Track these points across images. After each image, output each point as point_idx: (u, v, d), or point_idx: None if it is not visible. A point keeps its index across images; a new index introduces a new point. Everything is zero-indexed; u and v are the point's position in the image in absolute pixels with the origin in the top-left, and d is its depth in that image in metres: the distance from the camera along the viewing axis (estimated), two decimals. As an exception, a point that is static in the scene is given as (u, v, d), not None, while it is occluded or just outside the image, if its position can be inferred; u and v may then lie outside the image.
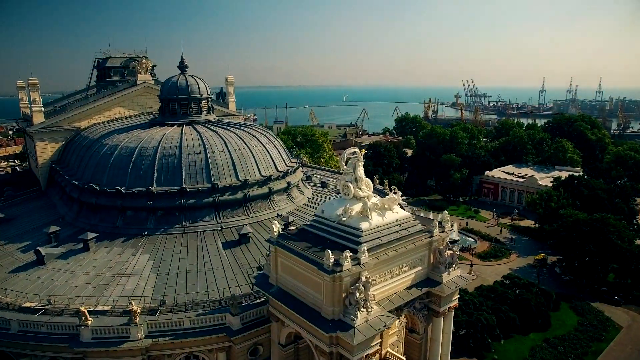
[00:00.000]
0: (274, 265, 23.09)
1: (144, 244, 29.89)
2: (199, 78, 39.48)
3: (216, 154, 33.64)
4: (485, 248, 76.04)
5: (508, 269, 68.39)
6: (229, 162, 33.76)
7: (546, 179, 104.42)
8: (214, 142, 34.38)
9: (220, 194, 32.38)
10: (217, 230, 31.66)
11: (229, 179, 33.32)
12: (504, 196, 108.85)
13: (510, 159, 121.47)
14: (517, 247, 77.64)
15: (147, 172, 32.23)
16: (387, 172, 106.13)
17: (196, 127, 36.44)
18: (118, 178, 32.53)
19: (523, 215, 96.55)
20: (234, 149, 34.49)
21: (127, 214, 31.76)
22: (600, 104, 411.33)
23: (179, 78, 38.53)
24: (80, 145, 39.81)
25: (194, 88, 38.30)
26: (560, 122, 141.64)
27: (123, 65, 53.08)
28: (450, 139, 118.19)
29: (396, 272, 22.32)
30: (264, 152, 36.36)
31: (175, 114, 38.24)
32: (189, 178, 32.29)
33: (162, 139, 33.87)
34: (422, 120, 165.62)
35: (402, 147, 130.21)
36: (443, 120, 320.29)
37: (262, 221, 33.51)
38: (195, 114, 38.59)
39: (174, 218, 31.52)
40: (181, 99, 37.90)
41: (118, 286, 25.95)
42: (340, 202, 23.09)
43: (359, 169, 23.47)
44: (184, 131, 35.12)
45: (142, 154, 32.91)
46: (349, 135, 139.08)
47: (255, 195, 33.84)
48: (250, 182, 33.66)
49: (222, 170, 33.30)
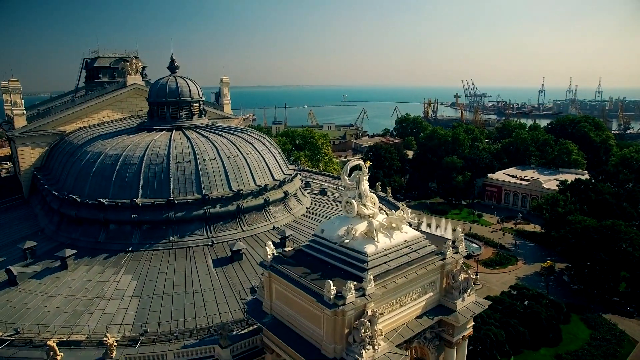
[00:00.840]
0: (268, 291, 20.59)
1: (128, 262, 27.37)
2: (190, 80, 36.98)
3: (207, 162, 31.14)
4: (490, 255, 73.62)
5: (514, 277, 66.00)
6: (221, 171, 31.27)
7: (550, 181, 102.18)
8: (205, 149, 31.88)
9: (211, 205, 29.88)
10: (207, 245, 29.16)
11: (220, 190, 30.83)
12: (508, 199, 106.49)
13: (513, 161, 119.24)
14: (522, 254, 75.27)
15: (132, 182, 29.73)
16: (388, 174, 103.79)
17: (186, 132, 33.94)
18: (101, 188, 30.02)
19: (527, 219, 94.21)
20: (226, 157, 31.99)
21: (110, 227, 29.26)
22: (599, 104, 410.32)
23: (169, 80, 36.03)
24: (64, 152, 37.30)
25: (185, 90, 35.80)
26: (563, 123, 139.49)
27: (112, 66, 50.57)
28: (452, 140, 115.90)
29: (405, 300, 19.85)
30: (259, 160, 33.87)
31: (164, 119, 35.74)
32: (177, 189, 29.80)
33: (148, 145, 31.37)
34: (423, 121, 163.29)
35: (402, 149, 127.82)
36: (443, 120, 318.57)
37: (257, 234, 31.03)
38: (186, 118, 36.08)
39: (161, 232, 29.02)
40: (170, 102, 35.40)
41: (96, 311, 23.43)
42: (342, 220, 20.59)
43: (364, 184, 20.97)
44: (172, 137, 32.62)
45: (127, 163, 30.40)
46: (348, 137, 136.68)
47: (250, 207, 31.36)
48: (244, 192, 31.16)
49: (214, 179, 30.81)
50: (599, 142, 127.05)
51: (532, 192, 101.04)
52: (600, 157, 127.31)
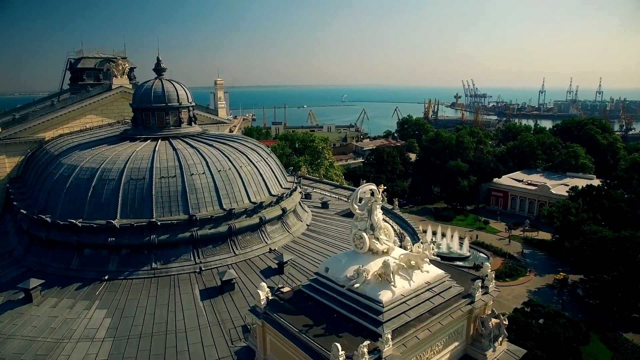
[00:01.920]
0: (261, 342, 17.13)
1: (103, 293, 23.89)
2: (179, 83, 33.49)
3: (195, 176, 27.66)
4: (499, 265, 70.22)
5: (525, 289, 62.67)
6: (211, 186, 27.80)
7: (559, 186, 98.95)
8: (192, 161, 28.40)
9: (199, 227, 26.41)
10: (195, 272, 25.69)
11: (210, 208, 27.36)
12: (514, 205, 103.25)
13: (518, 164, 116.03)
14: (532, 264, 71.93)
15: (110, 200, 26.26)
16: (391, 179, 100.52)
17: (173, 142, 30.46)
18: (75, 207, 26.54)
19: (535, 226, 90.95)
20: (217, 170, 28.51)
21: (84, 252, 25.79)
22: (600, 105, 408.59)
23: (154, 83, 32.52)
24: (39, 163, 33.84)
25: (172, 95, 32.30)
26: (569, 126, 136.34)
27: (97, 67, 47.08)
28: (457, 143, 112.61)
29: (427, 355, 16.39)
30: (254, 173, 30.39)
31: (149, 127, 32.23)
32: (161, 208, 26.32)
33: (129, 158, 27.88)
34: (425, 123, 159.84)
35: (405, 152, 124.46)
36: (443, 120, 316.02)
37: (252, 258, 27.57)
38: (174, 126, 32.58)
39: (142, 258, 25.54)
40: (156, 108, 31.90)
41: (60, 358, 19.94)
42: (351, 257, 17.14)
43: (377, 213, 17.48)
44: (157, 148, 29.13)
45: (104, 178, 26.92)
46: (349, 139, 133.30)
47: (243, 228, 27.88)
48: (237, 211, 27.69)
49: (203, 197, 27.34)
50: (606, 145, 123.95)
51: (539, 197, 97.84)
52: (608, 160, 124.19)
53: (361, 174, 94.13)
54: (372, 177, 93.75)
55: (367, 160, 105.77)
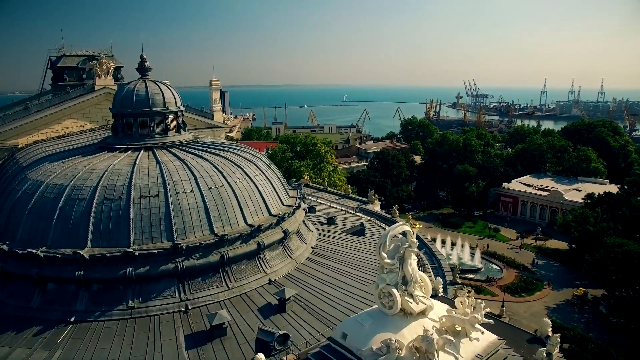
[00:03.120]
0: None
1: (66, 340, 19.70)
2: (166, 84, 29.26)
3: (182, 195, 23.44)
4: (513, 278, 66.14)
5: (543, 306, 58.55)
6: (200, 207, 23.59)
7: (571, 192, 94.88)
8: (179, 177, 24.17)
9: (185, 257, 22.19)
10: (179, 311, 21.50)
11: (199, 233, 23.15)
12: (524, 211, 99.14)
13: (527, 168, 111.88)
14: (547, 276, 67.77)
15: (80, 224, 22.05)
16: (396, 183, 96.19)
17: (157, 153, 26.21)
18: (38, 232, 22.34)
19: (548, 234, 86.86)
20: (207, 188, 24.28)
21: (47, 288, 21.59)
22: (603, 106, 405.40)
23: (137, 85, 28.26)
24: (6, 175, 29.58)
25: (157, 98, 28.05)
26: (578, 128, 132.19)
27: (80, 66, 42.76)
28: (464, 146, 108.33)
29: None
30: (251, 190, 26.16)
31: (130, 135, 27.99)
32: (139, 234, 22.11)
33: (104, 173, 23.65)
34: (430, 124, 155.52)
35: (410, 154, 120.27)
36: (445, 121, 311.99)
37: (248, 292, 23.37)
38: (159, 134, 28.33)
39: (116, 294, 21.34)
40: (139, 113, 27.65)
41: None
42: (377, 321, 12.97)
43: (411, 262, 13.27)
44: (138, 161, 24.89)
45: (73, 197, 22.70)
46: (352, 141, 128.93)
47: (238, 256, 23.67)
48: (231, 236, 23.47)
49: (190, 220, 23.12)
50: (617, 148, 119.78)
51: (551, 204, 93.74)
52: (619, 164, 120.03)
53: (365, 179, 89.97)
54: (377, 182, 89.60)
55: (371, 163, 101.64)
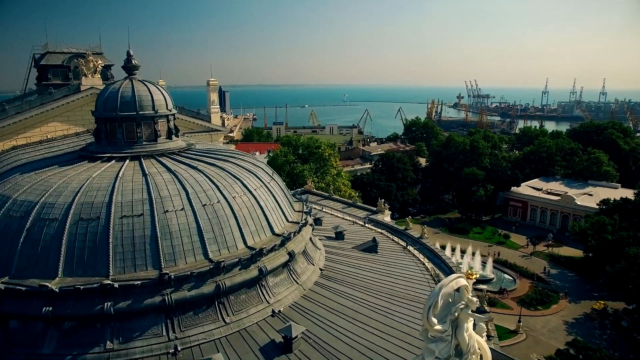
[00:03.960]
0: None
1: (30, 393, 16.36)
2: (156, 85, 25.89)
3: (171, 214, 20.07)
4: (527, 290, 62.82)
5: (561, 320, 55.20)
6: (193, 228, 20.23)
7: (582, 196, 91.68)
8: (168, 192, 20.80)
9: (174, 288, 18.84)
10: (167, 353, 18.16)
11: (191, 259, 19.79)
12: (534, 216, 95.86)
13: (535, 171, 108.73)
14: (563, 287, 64.49)
15: (50, 250, 18.71)
16: (402, 187, 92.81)
17: (144, 163, 22.84)
18: (0, 259, 18.98)
19: (559, 241, 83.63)
20: (201, 205, 20.92)
21: (9, 326, 18.24)
22: (605, 106, 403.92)
23: (122, 85, 24.86)
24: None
25: (145, 100, 24.66)
26: (587, 130, 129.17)
27: (65, 64, 39.38)
28: (471, 149, 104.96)
29: None
30: (252, 206, 22.79)
31: (114, 142, 24.60)
32: (120, 261, 18.76)
33: (81, 188, 20.29)
34: (434, 125, 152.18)
35: (415, 156, 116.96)
36: (447, 121, 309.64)
37: (248, 328, 20.01)
38: (147, 141, 24.94)
39: (92, 334, 17.99)
40: (124, 117, 24.25)
41: None
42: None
43: (467, 328, 9.85)
44: (121, 173, 21.52)
45: (43, 217, 19.35)
46: (355, 143, 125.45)
47: (237, 285, 20.32)
48: (228, 262, 20.11)
49: (180, 243, 19.77)
50: (627, 151, 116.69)
51: (563, 209, 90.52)
52: (630, 167, 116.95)
53: (370, 182, 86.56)
54: (382, 186, 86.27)
55: (375, 166, 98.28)
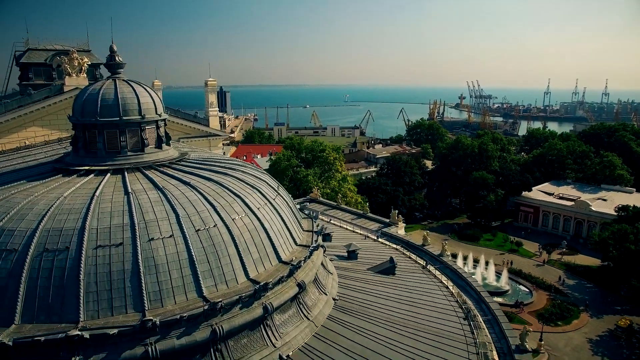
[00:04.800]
0: None
1: None
2: (143, 85, 22.35)
3: (157, 243, 16.56)
4: (545, 303, 59.18)
5: (584, 338, 51.55)
6: (184, 259, 16.72)
7: (597, 202, 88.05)
8: (154, 215, 17.28)
9: (160, 335, 15.31)
10: (150, 419, 14.62)
11: (181, 298, 16.28)
12: (546, 222, 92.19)
13: (545, 174, 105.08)
14: (582, 300, 60.88)
15: (4, 289, 15.21)
16: (409, 191, 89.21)
17: (128, 178, 19.32)
18: (-54, 299, 15.47)
19: (574, 248, 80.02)
20: (194, 230, 17.41)
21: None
22: (608, 107, 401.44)
23: (104, 86, 21.32)
24: None
25: (130, 103, 21.13)
26: (598, 132, 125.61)
27: (49, 62, 35.83)
28: (480, 152, 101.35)
29: None
30: (255, 229, 19.27)
31: (94, 152, 21.07)
32: (94, 303, 15.25)
33: (49, 210, 16.79)
34: (440, 127, 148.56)
35: (421, 159, 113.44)
36: (449, 122, 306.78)
37: (250, 380, 16.49)
38: (133, 151, 21.41)
39: (56, 396, 14.44)
40: (105, 123, 20.71)
41: None
42: None
43: None
44: (99, 191, 18.00)
45: (0, 246, 15.83)
46: (359, 145, 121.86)
47: (236, 328, 16.78)
48: (227, 300, 16.57)
49: (169, 279, 16.25)
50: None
51: (576, 215, 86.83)
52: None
53: (376, 187, 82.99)
54: (388, 191, 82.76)
55: (381, 170, 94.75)
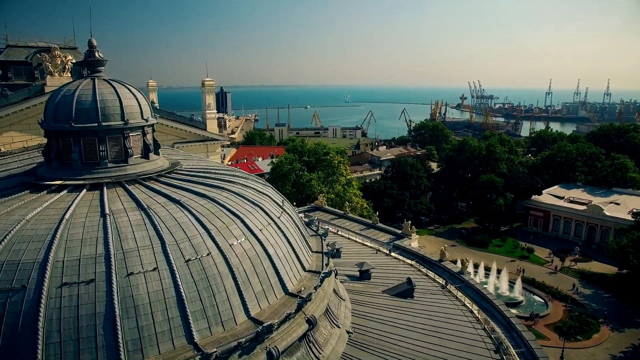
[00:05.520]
0: None
1: None
2: (127, 86, 19.31)
3: (137, 278, 13.55)
4: (561, 314, 56.12)
5: (607, 354, 48.50)
6: (171, 298, 13.71)
7: (610, 206, 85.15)
8: (134, 243, 14.26)
9: (139, 396, 12.28)
10: None
11: (166, 347, 13.25)
12: (557, 227, 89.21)
13: (553, 177, 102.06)
14: (600, 311, 57.84)
15: (-53, 339, 12.16)
16: (415, 195, 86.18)
17: (107, 195, 16.31)
18: None
19: (587, 254, 77.00)
20: (183, 261, 14.40)
21: None
22: (611, 107, 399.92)
23: (81, 87, 18.30)
24: None
25: (111, 107, 18.11)
26: (607, 133, 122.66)
27: (30, 60, 32.83)
28: (487, 154, 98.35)
29: None
30: (257, 255, 16.25)
31: (68, 164, 18.05)
32: (56, 357, 12.23)
33: (4, 238, 13.76)
34: (445, 128, 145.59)
35: (426, 161, 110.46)
36: (451, 122, 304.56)
37: None
38: (115, 162, 18.37)
39: None
40: (82, 130, 17.69)
41: None
42: None
43: None
44: (70, 213, 14.99)
45: (-57, 285, 12.81)
46: (363, 147, 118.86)
47: (235, 381, 13.73)
48: (223, 347, 13.56)
49: (151, 324, 13.24)
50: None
51: (589, 219, 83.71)
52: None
53: (382, 191, 79.93)
54: (394, 195, 79.74)
55: (386, 173, 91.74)
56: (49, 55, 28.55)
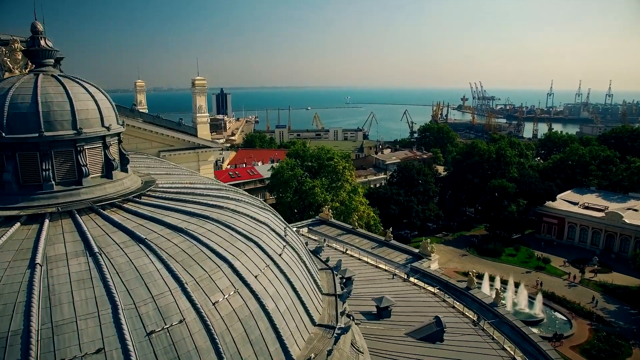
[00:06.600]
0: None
1: None
2: (82, 83, 14.85)
3: (72, 368, 9.07)
4: (587, 334, 51.63)
5: (641, 381, 43.87)
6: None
7: (628, 212, 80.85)
8: (70, 311, 9.78)
9: None
10: None
11: None
12: (572, 234, 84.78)
13: (565, 181, 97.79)
14: (628, 330, 53.42)
15: None
16: (423, 201, 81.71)
17: (49, 231, 11.86)
18: None
19: (606, 265, 72.64)
20: (143, 335, 9.92)
21: None
22: (613, 108, 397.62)
23: (18, 85, 13.87)
24: None
25: (58, 112, 13.66)
26: (619, 135, 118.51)
27: (-9, 56, 28.34)
28: (497, 157, 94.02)
29: None
30: (251, 316, 11.82)
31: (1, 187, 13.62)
32: None
33: None
34: (450, 130, 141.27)
35: (432, 165, 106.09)
36: (453, 124, 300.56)
37: None
38: (64, 184, 13.92)
39: None
40: (17, 142, 13.27)
41: None
42: None
43: None
44: (-15, 262, 10.51)
45: None
46: (367, 150, 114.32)
47: None
48: None
49: None
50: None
51: (607, 227, 79.34)
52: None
53: (388, 197, 75.44)
54: (401, 201, 75.29)
55: (391, 177, 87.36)
56: (7, 48, 24.10)
